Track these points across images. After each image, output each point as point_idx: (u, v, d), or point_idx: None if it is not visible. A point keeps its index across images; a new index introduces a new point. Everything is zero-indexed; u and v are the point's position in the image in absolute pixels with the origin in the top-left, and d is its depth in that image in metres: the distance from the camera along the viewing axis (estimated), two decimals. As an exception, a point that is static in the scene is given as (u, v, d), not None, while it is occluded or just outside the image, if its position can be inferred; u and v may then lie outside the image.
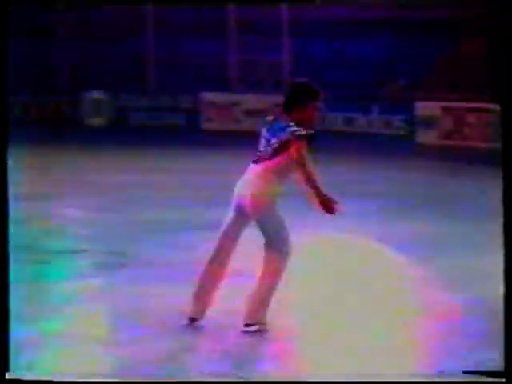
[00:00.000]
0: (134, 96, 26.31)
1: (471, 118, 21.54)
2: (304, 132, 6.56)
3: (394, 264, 10.17)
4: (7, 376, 4.98)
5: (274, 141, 6.75)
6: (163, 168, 17.85)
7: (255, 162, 6.87)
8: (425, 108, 22.37)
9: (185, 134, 24.11)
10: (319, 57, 25.60)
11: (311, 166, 6.58)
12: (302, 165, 6.55)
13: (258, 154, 6.87)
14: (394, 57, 24.75)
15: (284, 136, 6.65)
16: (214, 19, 26.83)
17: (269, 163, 6.76)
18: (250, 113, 24.36)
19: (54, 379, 5.41)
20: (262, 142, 6.88)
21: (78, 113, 26.56)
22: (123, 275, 9.34)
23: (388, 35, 24.80)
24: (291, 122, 6.66)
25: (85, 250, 10.51)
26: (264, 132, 6.90)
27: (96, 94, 26.39)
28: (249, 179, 6.82)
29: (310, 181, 6.53)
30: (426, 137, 22.08)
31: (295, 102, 6.77)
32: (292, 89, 6.99)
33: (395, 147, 21.11)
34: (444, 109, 21.93)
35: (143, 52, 27.43)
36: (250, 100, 24.76)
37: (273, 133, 6.79)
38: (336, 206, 6.62)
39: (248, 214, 6.88)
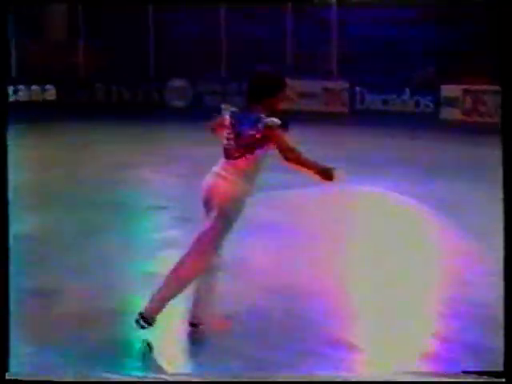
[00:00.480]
0: (208, 82, 26.33)
1: (487, 98, 21.38)
2: (278, 122, 5.16)
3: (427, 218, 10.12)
4: (7, 376, 4.26)
5: (246, 135, 5.21)
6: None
7: (227, 157, 5.35)
8: (448, 90, 22.13)
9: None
10: (363, 47, 25.29)
11: (297, 148, 5.23)
12: (289, 150, 5.15)
13: (228, 147, 5.34)
14: (427, 47, 24.34)
15: (257, 130, 5.17)
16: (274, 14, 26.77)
17: (242, 161, 5.25)
18: (302, 95, 24.27)
19: (54, 379, 4.62)
20: (230, 134, 5.35)
21: (164, 97, 26.69)
22: (195, 228, 9.29)
23: (423, 29, 24.40)
24: (262, 113, 5.23)
25: (165, 207, 10.57)
26: (230, 122, 5.37)
27: (178, 82, 26.50)
28: (220, 175, 5.35)
29: (303, 161, 5.20)
30: (449, 114, 21.90)
31: (264, 93, 5.26)
32: (259, 79, 5.34)
33: (423, 123, 20.93)
34: (465, 91, 21.73)
35: (217, 44, 27.40)
36: (303, 84, 24.56)
37: (243, 126, 5.24)
38: (336, 173, 5.21)
39: (213, 208, 5.40)
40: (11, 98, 25.15)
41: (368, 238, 9.02)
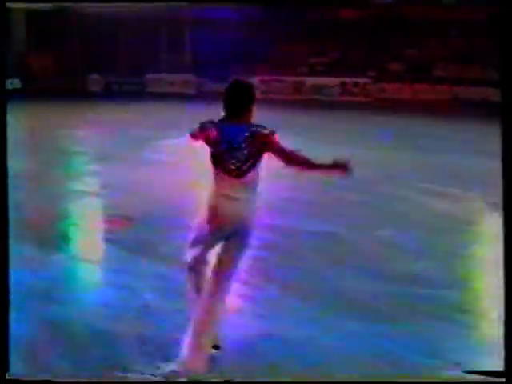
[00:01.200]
0: (114, 75, 25.37)
1: (274, 86, 21.72)
2: (268, 128, 3.04)
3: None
4: (7, 376, 2.87)
5: (242, 150, 2.98)
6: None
7: (236, 176, 3.03)
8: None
9: (142, 95, 22.92)
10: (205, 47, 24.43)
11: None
12: (291, 152, 3.01)
13: (233, 165, 3.02)
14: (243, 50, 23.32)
15: (252, 142, 2.99)
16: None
17: (253, 174, 3.04)
18: (172, 83, 23.69)
19: (53, 379, 2.95)
20: (224, 146, 3.01)
21: (87, 85, 25.61)
22: (108, 164, 8.95)
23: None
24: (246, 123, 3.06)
25: (87, 152, 10.24)
26: (218, 137, 2.97)
27: (95, 75, 25.50)
28: (231, 197, 3.03)
29: (308, 162, 3.01)
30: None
31: (246, 105, 3.05)
32: (241, 91, 3.04)
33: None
34: (260, 80, 21.83)
35: (118, 48, 26.27)
36: (171, 76, 24.05)
37: (235, 140, 3.00)
38: (348, 163, 3.00)
39: (232, 234, 3.09)
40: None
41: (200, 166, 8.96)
